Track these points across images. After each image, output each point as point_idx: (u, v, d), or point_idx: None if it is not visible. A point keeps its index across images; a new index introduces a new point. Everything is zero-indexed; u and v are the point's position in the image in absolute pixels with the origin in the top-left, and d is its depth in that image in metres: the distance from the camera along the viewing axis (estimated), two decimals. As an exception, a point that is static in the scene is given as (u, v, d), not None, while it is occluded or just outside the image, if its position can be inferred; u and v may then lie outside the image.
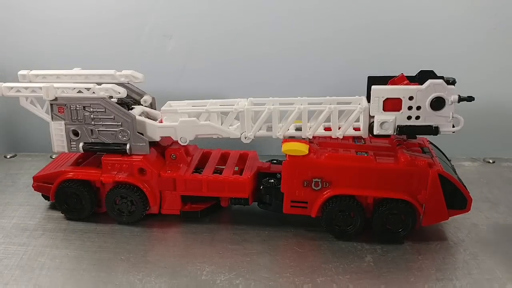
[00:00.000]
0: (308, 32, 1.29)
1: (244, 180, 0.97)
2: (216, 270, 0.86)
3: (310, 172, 0.92)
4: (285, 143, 0.93)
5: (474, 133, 1.27)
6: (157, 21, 1.31)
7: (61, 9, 1.31)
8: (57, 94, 0.96)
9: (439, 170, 0.89)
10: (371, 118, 0.92)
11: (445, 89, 0.87)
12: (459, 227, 0.98)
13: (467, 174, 1.18)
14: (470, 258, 0.89)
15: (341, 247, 0.92)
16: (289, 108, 0.94)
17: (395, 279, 0.84)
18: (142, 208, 0.99)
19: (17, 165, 1.30)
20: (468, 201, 0.91)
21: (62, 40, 1.33)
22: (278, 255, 0.91)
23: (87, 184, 1.00)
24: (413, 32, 1.28)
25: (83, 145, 0.99)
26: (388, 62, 1.26)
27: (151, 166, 0.98)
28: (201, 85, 1.34)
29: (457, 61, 1.27)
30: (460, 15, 1.27)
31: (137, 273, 0.85)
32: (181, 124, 0.97)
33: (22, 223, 1.01)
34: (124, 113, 0.96)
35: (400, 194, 0.91)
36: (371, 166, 0.91)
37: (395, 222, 0.92)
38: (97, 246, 0.94)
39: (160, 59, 1.33)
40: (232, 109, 0.96)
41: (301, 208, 0.95)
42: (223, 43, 1.32)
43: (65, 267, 0.87)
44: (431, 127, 0.90)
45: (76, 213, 1.02)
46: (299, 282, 0.83)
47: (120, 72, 1.03)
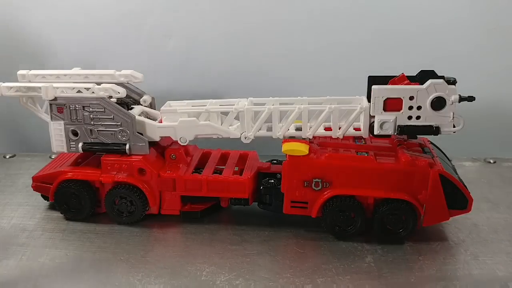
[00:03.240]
0: (308, 32, 1.29)
1: (244, 180, 0.97)
2: (216, 271, 0.86)
3: (310, 172, 0.92)
4: (285, 143, 0.93)
5: (474, 133, 1.27)
6: (157, 20, 1.31)
7: (61, 9, 1.31)
8: (57, 94, 0.96)
9: (439, 170, 0.89)
10: (371, 118, 0.92)
11: (445, 89, 0.87)
12: (459, 227, 0.98)
13: (468, 174, 1.18)
14: (471, 258, 0.89)
15: (342, 248, 0.92)
16: (289, 108, 0.94)
17: (395, 280, 0.84)
18: (141, 208, 0.99)
19: (16, 165, 1.29)
20: (468, 201, 0.91)
21: (61, 39, 1.33)
22: (278, 256, 0.90)
23: (86, 184, 1.00)
24: (414, 31, 1.28)
25: (82, 145, 0.99)
26: (388, 61, 1.25)
27: (151, 166, 0.98)
28: (201, 85, 1.34)
29: (458, 61, 1.26)
30: (461, 15, 1.27)
31: (136, 273, 0.85)
32: (181, 124, 0.97)
33: (21, 223, 1.01)
34: (123, 113, 0.96)
35: (401, 194, 0.90)
36: (371, 166, 0.91)
37: (396, 222, 0.92)
38: (97, 246, 0.93)
39: (159, 59, 1.33)
40: (232, 109, 0.95)
41: (301, 209, 0.95)
42: (223, 43, 1.31)
43: (65, 268, 0.87)
44: (432, 127, 0.89)
45: (76, 214, 1.01)
46: (299, 283, 0.83)
47: (120, 72, 1.02)
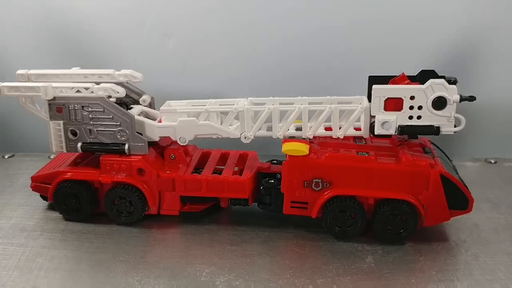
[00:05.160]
0: (308, 32, 1.29)
1: (244, 181, 0.97)
2: (215, 271, 0.85)
3: (311, 172, 0.91)
4: (285, 143, 0.93)
5: (475, 133, 1.27)
6: (157, 20, 1.31)
7: (60, 9, 1.31)
8: (56, 93, 0.95)
9: (440, 170, 0.89)
10: (372, 118, 0.91)
11: (446, 89, 0.87)
12: (460, 227, 0.98)
13: (469, 174, 1.17)
14: (472, 259, 0.89)
15: (342, 248, 0.92)
16: (289, 108, 0.94)
17: (396, 280, 0.83)
18: (141, 208, 0.98)
19: (15, 165, 1.29)
20: (469, 201, 0.91)
21: (61, 39, 1.32)
22: (278, 256, 0.90)
23: (85, 185, 1.00)
24: (414, 31, 1.27)
25: (81, 145, 0.98)
26: (389, 61, 1.25)
27: (150, 166, 0.97)
28: (200, 84, 1.33)
29: (458, 61, 1.26)
30: (461, 14, 1.26)
31: (136, 274, 0.85)
32: (181, 124, 0.96)
33: (20, 223, 1.01)
34: (123, 112, 0.96)
35: (401, 194, 0.90)
36: (372, 167, 0.90)
37: (396, 222, 0.92)
38: (96, 247, 0.93)
39: (159, 58, 1.33)
40: (232, 109, 0.95)
41: (301, 209, 0.94)
42: (223, 42, 1.31)
43: (64, 268, 0.87)
44: (433, 127, 0.89)
45: (75, 214, 1.01)
46: (300, 283, 0.82)
47: (119, 71, 1.02)
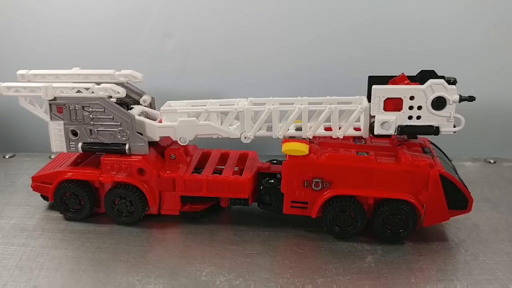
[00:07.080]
0: (308, 32, 1.29)
1: (244, 181, 0.97)
2: (215, 271, 0.86)
3: (311, 172, 0.92)
4: (285, 143, 0.93)
5: (475, 133, 1.27)
6: (157, 20, 1.31)
7: (60, 9, 1.31)
8: (56, 94, 0.95)
9: (440, 170, 0.89)
10: (371, 118, 0.91)
11: (446, 89, 0.87)
12: (460, 227, 0.98)
13: (468, 174, 1.18)
14: (471, 258, 0.89)
15: (342, 248, 0.92)
16: (289, 108, 0.94)
17: (395, 280, 0.83)
18: (141, 208, 0.99)
19: (16, 165, 1.29)
20: (469, 201, 0.91)
21: (61, 39, 1.33)
22: (278, 256, 0.90)
23: (86, 184, 1.00)
24: (414, 31, 1.27)
25: (82, 145, 0.98)
26: (388, 61, 1.25)
27: (150, 166, 0.98)
28: (201, 85, 1.33)
29: (458, 61, 1.26)
30: (461, 14, 1.26)
31: (136, 274, 0.85)
32: (181, 124, 0.97)
33: (21, 223, 1.01)
34: (123, 113, 0.96)
35: (401, 194, 0.90)
36: (371, 167, 0.90)
37: (396, 222, 0.92)
38: (96, 246, 0.93)
39: (159, 58, 1.33)
40: (232, 109, 0.95)
41: (301, 209, 0.95)
42: (223, 42, 1.31)
43: (64, 268, 0.87)
44: (432, 127, 0.89)
45: (75, 214, 1.01)
46: (299, 283, 0.83)
47: (119, 71, 1.02)
